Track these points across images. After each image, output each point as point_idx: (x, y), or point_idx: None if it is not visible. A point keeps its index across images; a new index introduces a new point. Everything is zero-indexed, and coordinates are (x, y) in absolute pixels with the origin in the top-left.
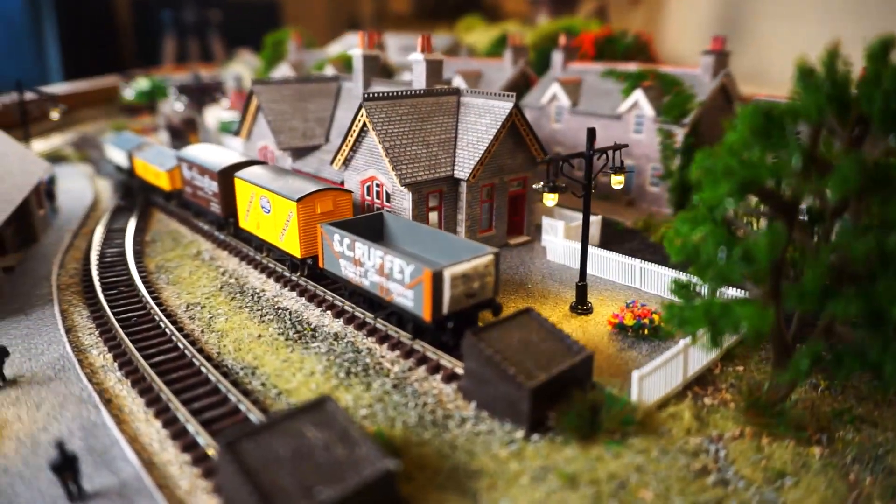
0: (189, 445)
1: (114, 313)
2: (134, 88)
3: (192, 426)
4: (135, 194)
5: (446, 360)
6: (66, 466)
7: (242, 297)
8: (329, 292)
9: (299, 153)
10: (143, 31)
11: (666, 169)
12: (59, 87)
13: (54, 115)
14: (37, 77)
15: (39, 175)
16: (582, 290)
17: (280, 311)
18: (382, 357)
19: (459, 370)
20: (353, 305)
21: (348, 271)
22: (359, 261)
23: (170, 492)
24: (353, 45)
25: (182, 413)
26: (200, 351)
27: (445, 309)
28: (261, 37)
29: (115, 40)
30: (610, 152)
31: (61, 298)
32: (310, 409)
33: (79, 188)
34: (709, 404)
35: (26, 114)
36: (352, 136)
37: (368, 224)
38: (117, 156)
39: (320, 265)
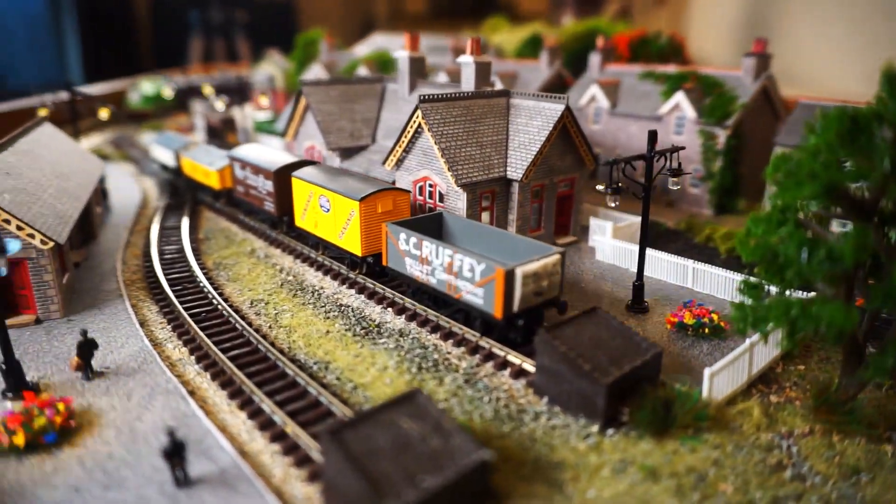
0: (277, 436)
1: (183, 308)
2: (139, 92)
3: (280, 417)
4: (182, 193)
5: (513, 357)
6: (175, 453)
7: (304, 294)
8: (389, 289)
9: (347, 153)
10: (162, 31)
11: (707, 170)
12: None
13: (103, 114)
14: (57, 76)
15: (99, 173)
16: (639, 290)
17: (342, 307)
18: (449, 353)
19: (527, 366)
20: (415, 303)
21: (414, 269)
22: (426, 259)
23: (265, 480)
24: (379, 45)
25: (267, 405)
26: (272, 345)
27: (516, 307)
28: (277, 36)
29: (134, 40)
30: (668, 154)
31: (129, 294)
32: (402, 401)
33: (125, 186)
34: (775, 401)
35: (77, 113)
36: (406, 136)
37: (428, 223)
38: (164, 155)
39: (383, 263)
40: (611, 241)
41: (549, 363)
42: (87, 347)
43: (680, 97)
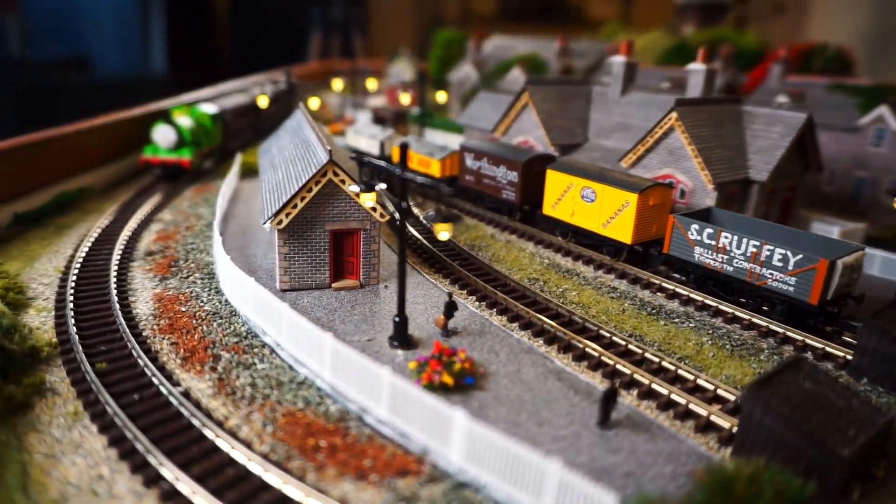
0: (646, 394)
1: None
2: (161, 136)
3: (640, 376)
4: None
5: (812, 340)
6: (611, 398)
7: (571, 277)
8: (652, 275)
9: (564, 150)
10: (240, 30)
11: None
12: None
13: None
14: (141, 69)
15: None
16: None
17: (613, 290)
18: (741, 335)
19: (830, 349)
20: (690, 289)
21: (704, 257)
22: (724, 248)
23: (677, 428)
24: (499, 46)
25: (629, 368)
26: (583, 318)
27: (829, 295)
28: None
29: (216, 38)
30: None
31: (415, 264)
32: (790, 366)
33: None
34: None
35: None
36: (652, 136)
37: (702, 217)
38: (364, 143)
39: (664, 250)
40: None
41: (875, 345)
42: (451, 308)
43: (883, 110)
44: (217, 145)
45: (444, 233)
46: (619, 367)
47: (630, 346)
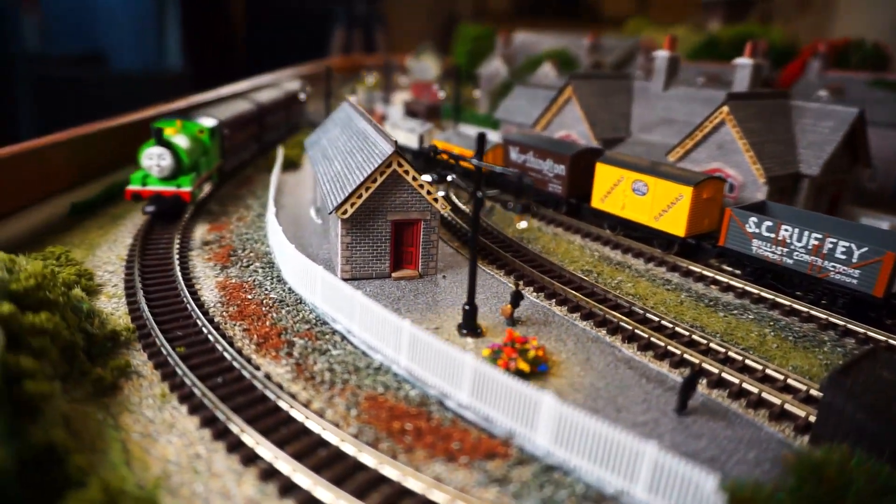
0: (717, 383)
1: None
2: (152, 161)
3: (714, 367)
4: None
5: (874, 333)
6: (692, 384)
7: (622, 269)
8: (704, 267)
9: (606, 145)
10: (256, 26)
11: None
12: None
13: (302, 95)
14: (156, 63)
15: None
16: None
17: (668, 282)
18: (802, 327)
19: (894, 342)
20: (745, 281)
21: (762, 250)
22: (783, 241)
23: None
24: (523, 42)
25: (696, 357)
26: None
27: (895, 287)
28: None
29: (231, 34)
30: None
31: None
32: (867, 356)
33: None
34: None
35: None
36: (701, 131)
37: (757, 210)
38: (401, 136)
39: (720, 243)
40: None
41: None
42: (518, 298)
43: None
44: (216, 167)
45: (523, 222)
46: (685, 356)
47: (694, 337)
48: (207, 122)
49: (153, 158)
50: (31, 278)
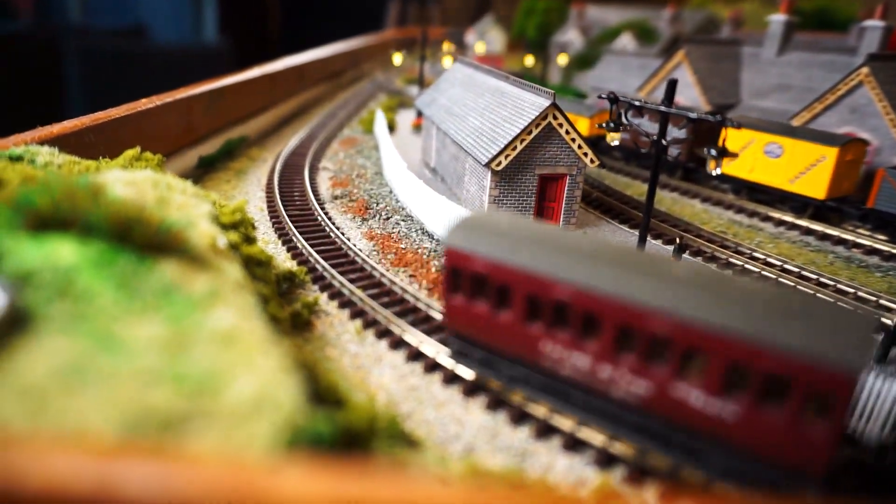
0: None
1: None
2: None
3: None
4: None
5: None
6: (894, 339)
7: (755, 230)
8: (843, 230)
9: (718, 110)
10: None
11: None
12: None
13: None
14: (193, 37)
15: None
16: None
17: (807, 244)
18: None
19: None
20: (892, 245)
21: None
22: None
23: None
24: (594, 17)
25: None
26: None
27: None
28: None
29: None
30: None
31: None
32: None
33: None
34: None
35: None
36: (834, 94)
37: None
38: None
39: (868, 205)
40: None
41: None
42: (682, 250)
43: None
44: None
45: (717, 169)
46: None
47: (859, 294)
48: None
49: None
50: (235, 212)
